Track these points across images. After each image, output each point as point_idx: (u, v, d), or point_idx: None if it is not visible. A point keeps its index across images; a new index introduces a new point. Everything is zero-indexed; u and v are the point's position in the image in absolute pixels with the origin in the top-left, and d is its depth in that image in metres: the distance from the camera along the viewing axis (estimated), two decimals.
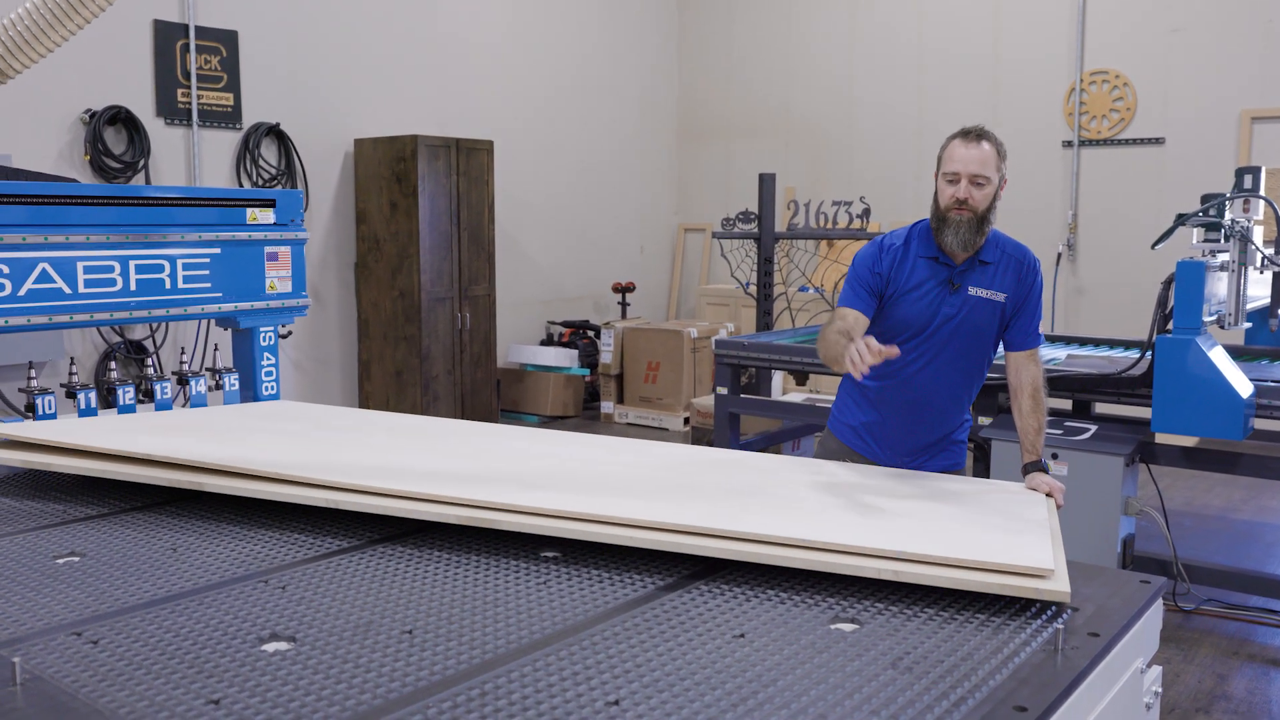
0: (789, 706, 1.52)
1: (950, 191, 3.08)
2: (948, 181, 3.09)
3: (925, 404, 3.27)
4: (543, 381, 9.09)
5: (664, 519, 2.19)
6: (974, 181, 3.05)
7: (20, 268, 3.46)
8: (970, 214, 3.06)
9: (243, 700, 1.53)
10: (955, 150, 3.10)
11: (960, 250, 3.12)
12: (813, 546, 2.05)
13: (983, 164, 3.05)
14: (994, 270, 3.16)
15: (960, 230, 3.08)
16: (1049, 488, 2.83)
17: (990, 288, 3.15)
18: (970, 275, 3.16)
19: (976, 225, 3.08)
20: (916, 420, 3.29)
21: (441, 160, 7.89)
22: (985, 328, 3.18)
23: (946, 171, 3.10)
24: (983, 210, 3.07)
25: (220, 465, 2.60)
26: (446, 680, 1.61)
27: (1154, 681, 2.13)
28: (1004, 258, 3.18)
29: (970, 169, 3.05)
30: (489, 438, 3.35)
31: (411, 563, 2.19)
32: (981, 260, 3.15)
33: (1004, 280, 3.17)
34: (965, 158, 3.07)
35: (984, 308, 3.16)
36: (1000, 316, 3.18)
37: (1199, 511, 6.56)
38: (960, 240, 3.09)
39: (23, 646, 1.73)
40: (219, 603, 1.95)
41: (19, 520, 2.53)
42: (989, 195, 3.07)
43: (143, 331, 6.76)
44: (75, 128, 6.50)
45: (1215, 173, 7.79)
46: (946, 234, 3.10)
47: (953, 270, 3.16)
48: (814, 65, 10.19)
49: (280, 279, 4.18)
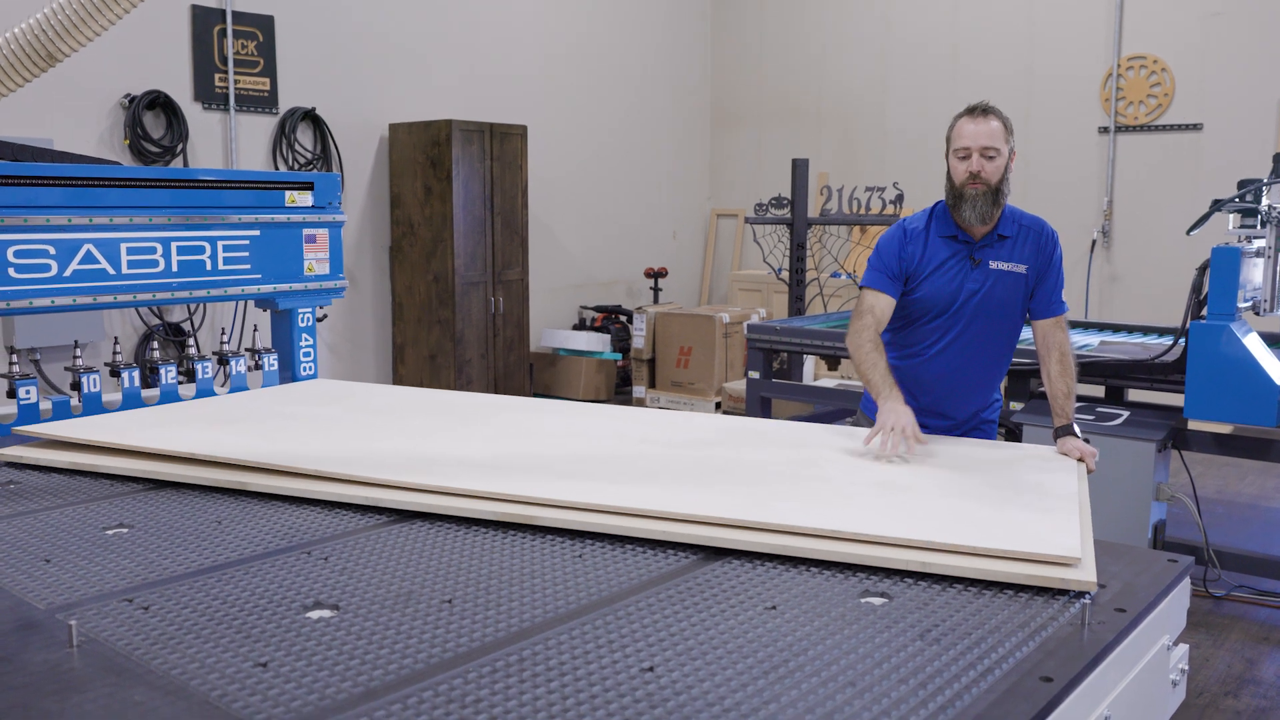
0: (819, 675, 1.56)
1: (963, 167, 3.21)
2: (959, 158, 3.23)
3: (953, 382, 3.33)
4: (575, 366, 9.14)
5: (694, 511, 2.22)
6: (985, 154, 3.17)
7: (66, 249, 3.54)
8: (985, 186, 3.18)
9: (289, 664, 1.58)
10: (964, 127, 3.23)
11: (979, 223, 3.22)
12: (840, 537, 2.08)
13: (991, 137, 3.17)
14: (1013, 244, 3.27)
15: (978, 203, 3.19)
16: (1080, 452, 2.90)
17: (1010, 260, 3.25)
18: (990, 250, 3.26)
19: (992, 197, 3.19)
20: (945, 399, 3.35)
21: (475, 145, 7.95)
22: (1009, 302, 3.26)
23: (958, 148, 3.23)
24: (996, 182, 3.18)
25: (262, 464, 2.64)
26: (485, 647, 1.65)
27: (1180, 659, 2.15)
28: (1021, 230, 3.29)
29: (980, 143, 3.17)
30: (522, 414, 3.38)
31: (451, 536, 2.24)
32: (1000, 235, 3.26)
33: (1023, 252, 3.27)
34: (974, 133, 3.19)
35: (1006, 281, 3.25)
36: (1023, 289, 3.27)
37: (1231, 498, 6.53)
38: (978, 213, 3.20)
39: (78, 611, 1.79)
40: (264, 572, 2.01)
41: (69, 494, 2.60)
42: (1000, 167, 3.19)
43: (181, 314, 6.85)
44: (115, 112, 6.59)
45: (1253, 159, 7.72)
46: (964, 209, 3.21)
47: (972, 246, 3.27)
48: (847, 50, 10.17)
49: (318, 261, 4.24)
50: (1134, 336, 5.75)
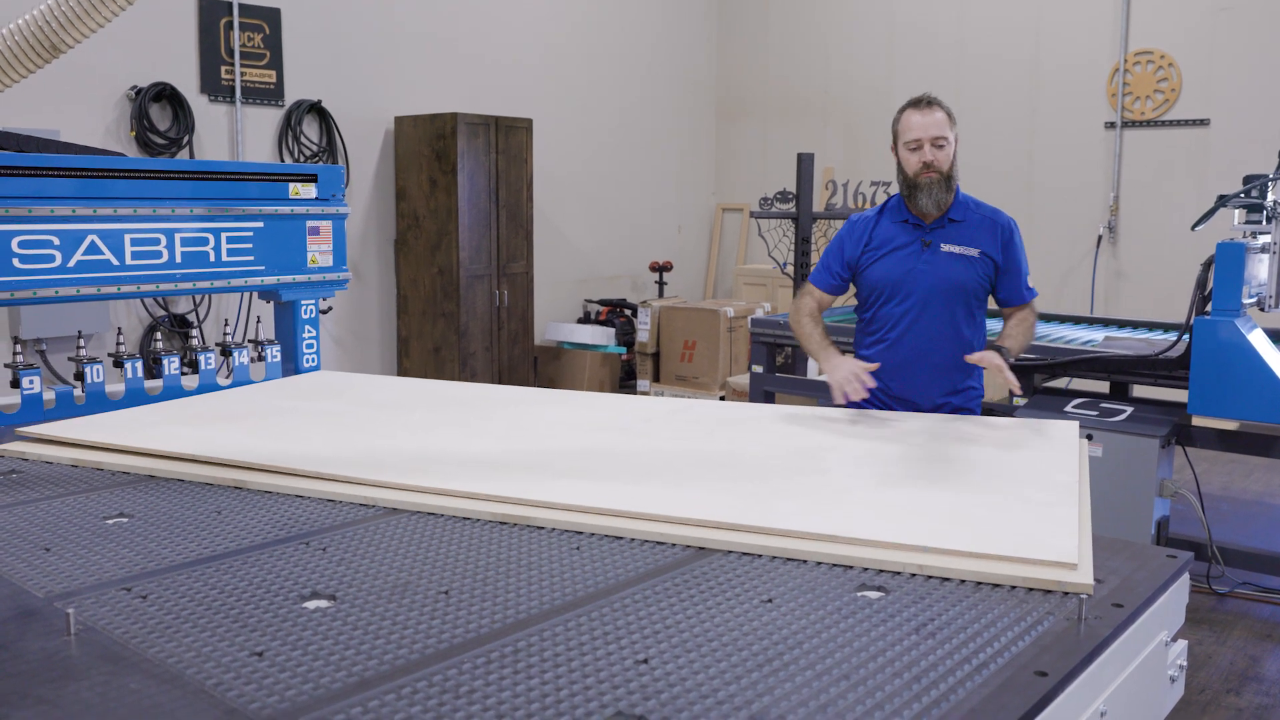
0: (813, 668, 1.56)
1: (916, 158, 3.39)
2: (911, 150, 3.42)
3: (917, 366, 3.46)
4: (579, 359, 9.14)
5: (693, 512, 2.22)
6: (935, 144, 3.37)
7: (70, 239, 3.54)
8: (937, 174, 3.37)
9: (284, 653, 1.59)
10: (912, 119, 3.42)
11: (934, 210, 3.41)
12: (839, 539, 2.08)
13: (939, 127, 3.37)
14: (964, 227, 3.44)
15: (932, 190, 3.38)
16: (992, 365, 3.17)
17: (962, 243, 3.42)
18: (940, 233, 3.44)
19: (945, 183, 3.38)
20: (911, 384, 3.47)
21: (481, 138, 7.94)
22: (964, 283, 3.42)
23: (908, 141, 3.42)
24: (947, 169, 3.38)
25: (262, 465, 2.64)
26: (481, 638, 1.66)
27: (1179, 655, 2.14)
28: (974, 216, 3.46)
29: (930, 133, 3.37)
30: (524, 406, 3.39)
31: (450, 528, 2.24)
32: (951, 219, 3.45)
33: (976, 237, 3.43)
34: (923, 124, 3.38)
35: (958, 263, 3.41)
36: (978, 272, 3.42)
37: (1236, 495, 6.52)
38: (934, 200, 3.39)
39: (75, 600, 1.80)
40: (261, 562, 2.01)
41: (70, 484, 2.60)
42: (950, 155, 3.39)
43: (186, 305, 6.86)
44: (121, 104, 6.61)
45: (1261, 155, 7.68)
46: (920, 198, 3.40)
47: (924, 230, 3.44)
48: (853, 45, 10.15)
49: (321, 253, 4.25)
50: (1139, 332, 5.74)
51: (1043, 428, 3.02)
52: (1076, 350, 5.04)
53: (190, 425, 3.10)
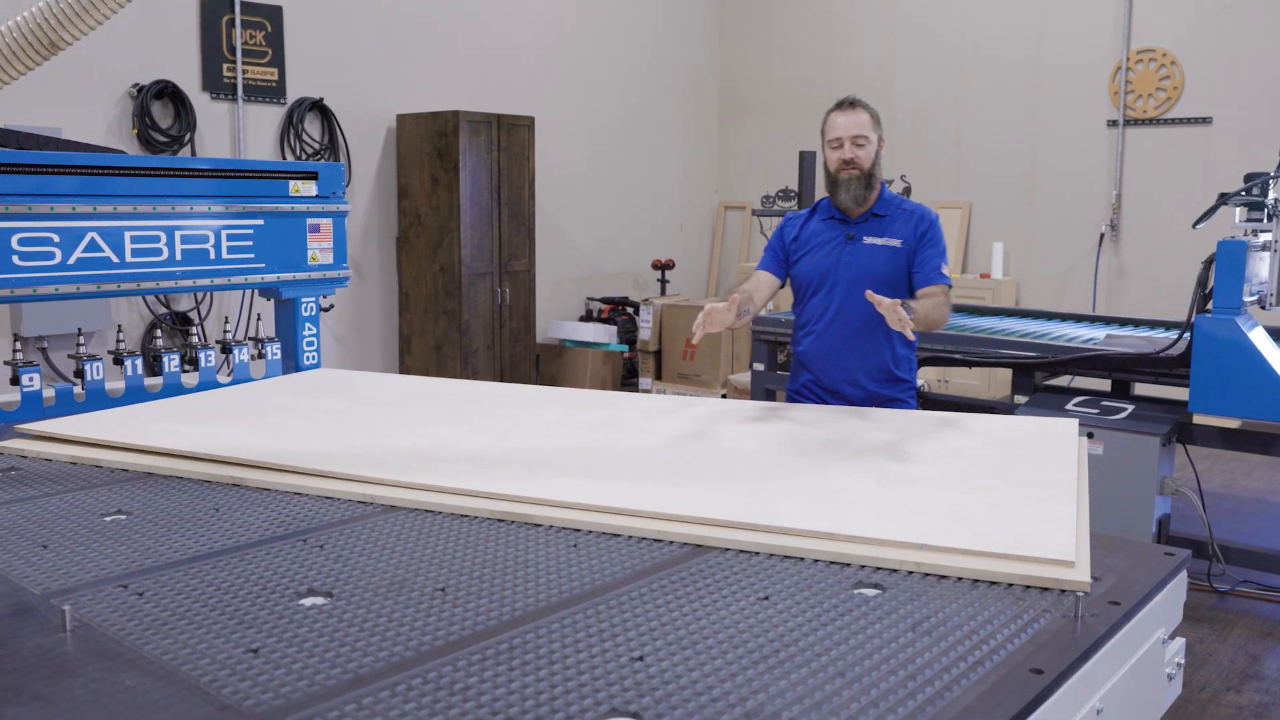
0: (808, 665, 1.56)
1: (837, 156, 3.56)
2: (833, 148, 3.57)
3: (845, 355, 3.59)
4: (581, 357, 9.14)
5: (692, 511, 2.22)
6: (855, 143, 3.53)
7: (70, 237, 3.55)
8: (858, 171, 3.53)
9: (280, 650, 1.59)
10: (835, 119, 3.59)
11: (854, 205, 3.59)
12: (836, 537, 2.08)
13: (860, 127, 3.54)
14: (888, 222, 3.60)
15: (852, 186, 3.54)
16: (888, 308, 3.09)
17: (885, 236, 3.58)
18: (864, 227, 3.60)
19: (865, 180, 3.55)
20: (841, 375, 3.60)
21: (483, 136, 7.94)
22: (886, 274, 3.55)
23: (830, 139, 3.58)
24: (868, 167, 3.55)
25: (260, 462, 2.64)
26: (477, 635, 1.65)
27: (1176, 653, 2.14)
28: (898, 211, 3.62)
29: (851, 132, 3.54)
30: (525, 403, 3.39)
31: (448, 525, 2.24)
32: (875, 214, 3.60)
33: (899, 230, 3.59)
34: (845, 124, 3.55)
35: (881, 254, 3.56)
36: (901, 263, 3.56)
37: (1237, 494, 6.51)
38: (853, 196, 3.56)
39: (72, 596, 1.80)
40: (259, 559, 2.01)
41: (68, 481, 2.61)
42: (871, 154, 3.55)
43: (188, 303, 6.87)
44: (123, 102, 6.61)
45: (1262, 153, 7.67)
46: (840, 193, 3.57)
47: (849, 225, 3.62)
48: (855, 43, 10.14)
49: (322, 250, 4.25)
50: (1140, 330, 5.74)
51: (1042, 426, 3.02)
52: (1078, 348, 5.03)
53: (189, 423, 3.10)
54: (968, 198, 9.48)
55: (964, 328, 5.69)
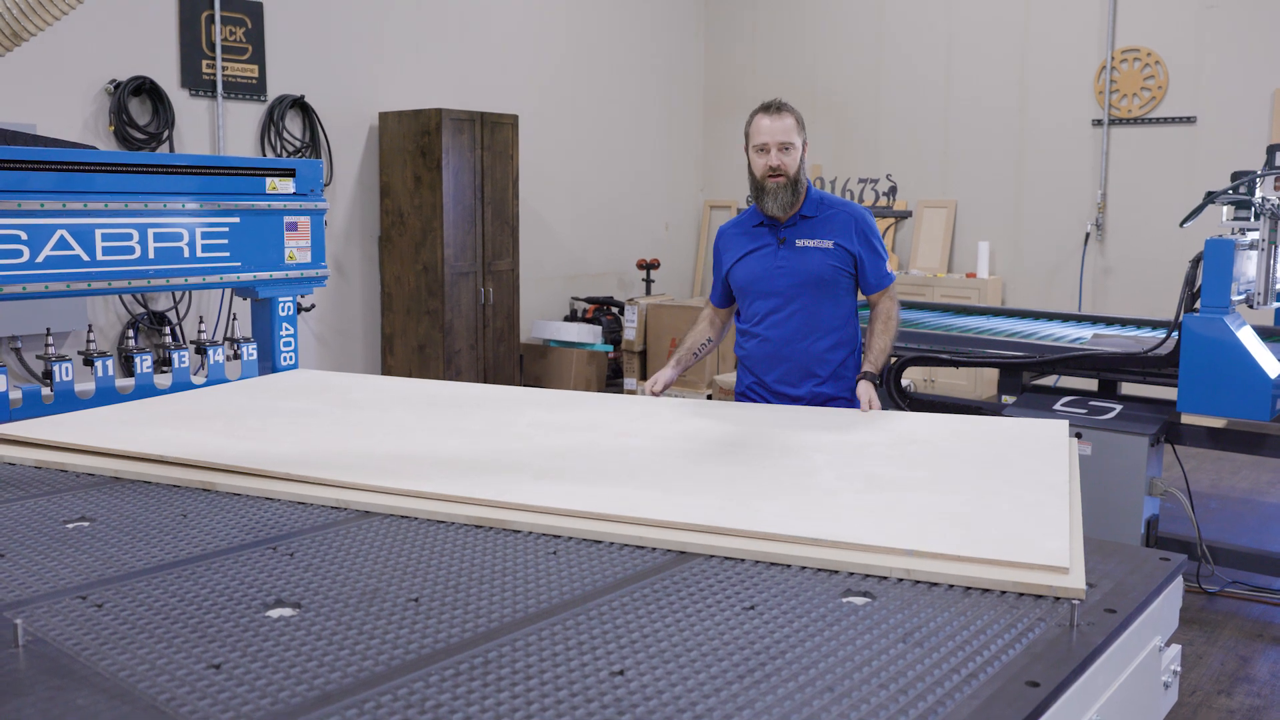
0: (796, 679, 1.50)
1: (763, 161, 3.48)
2: (759, 153, 3.49)
3: (788, 354, 3.56)
4: (566, 357, 9.07)
5: (674, 515, 2.16)
6: (781, 148, 3.45)
7: (39, 234, 3.46)
8: (784, 178, 3.46)
9: (244, 665, 1.52)
10: (761, 123, 3.49)
11: (780, 212, 3.51)
12: (824, 543, 2.02)
13: (786, 132, 3.46)
14: (817, 222, 3.55)
15: (779, 194, 3.47)
16: (867, 400, 3.27)
17: (815, 237, 3.53)
18: (794, 230, 3.54)
19: (791, 187, 3.48)
20: (785, 375, 3.58)
21: (466, 134, 7.87)
22: (820, 273, 3.52)
23: (756, 144, 3.50)
24: (794, 173, 3.48)
25: (231, 466, 2.57)
26: (450, 648, 1.59)
27: (1172, 660, 2.09)
28: (825, 210, 3.58)
29: (777, 138, 3.45)
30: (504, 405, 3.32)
31: (423, 531, 2.17)
32: (803, 215, 3.55)
33: (828, 229, 3.54)
34: (771, 129, 3.47)
35: (813, 255, 3.53)
36: (833, 262, 3.52)
37: (1225, 493, 6.48)
38: (780, 203, 3.49)
39: (27, 609, 1.72)
40: (226, 569, 1.94)
41: (31, 486, 2.53)
42: (796, 159, 3.48)
43: (166, 302, 6.77)
44: (100, 98, 6.51)
45: (1247, 152, 7.66)
46: (767, 200, 3.51)
47: (778, 229, 3.55)
48: (841, 41, 10.09)
49: (299, 249, 4.17)
50: (1127, 330, 5.70)
51: (1032, 427, 2.97)
52: (1064, 348, 4.99)
53: (159, 425, 3.02)
54: (953, 197, 9.44)
55: (950, 327, 5.64)
